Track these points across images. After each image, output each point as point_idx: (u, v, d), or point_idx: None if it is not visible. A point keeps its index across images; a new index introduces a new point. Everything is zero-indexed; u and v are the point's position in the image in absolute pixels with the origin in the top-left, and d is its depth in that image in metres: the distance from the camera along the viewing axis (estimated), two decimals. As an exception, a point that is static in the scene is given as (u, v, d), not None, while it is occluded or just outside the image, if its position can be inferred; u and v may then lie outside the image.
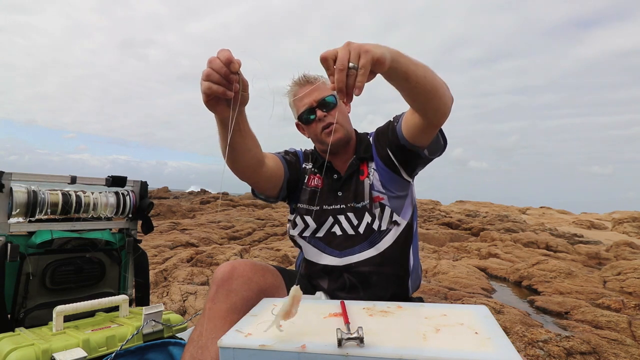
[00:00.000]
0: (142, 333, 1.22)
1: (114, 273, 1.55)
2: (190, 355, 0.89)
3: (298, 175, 1.35)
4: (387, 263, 1.21)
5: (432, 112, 1.02)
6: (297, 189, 1.35)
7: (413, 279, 1.28)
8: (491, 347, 0.65)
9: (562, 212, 16.14)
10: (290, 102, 1.33)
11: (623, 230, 10.04)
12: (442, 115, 1.04)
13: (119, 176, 1.58)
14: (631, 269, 4.60)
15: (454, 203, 21.59)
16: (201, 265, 4.47)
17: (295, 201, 1.34)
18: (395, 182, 1.25)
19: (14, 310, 1.30)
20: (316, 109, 1.25)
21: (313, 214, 1.28)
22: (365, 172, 1.28)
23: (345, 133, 1.27)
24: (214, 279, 0.99)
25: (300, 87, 1.28)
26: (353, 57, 0.77)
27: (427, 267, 4.86)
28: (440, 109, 1.02)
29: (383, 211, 1.22)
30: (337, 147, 1.27)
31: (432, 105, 1.00)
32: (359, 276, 1.21)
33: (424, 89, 0.94)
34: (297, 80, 1.29)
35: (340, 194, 1.28)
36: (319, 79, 1.28)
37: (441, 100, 1.00)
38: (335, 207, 1.27)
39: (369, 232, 1.23)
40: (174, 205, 12.33)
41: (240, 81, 0.87)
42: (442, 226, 9.98)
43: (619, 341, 2.46)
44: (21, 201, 1.32)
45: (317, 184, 1.33)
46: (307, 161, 1.39)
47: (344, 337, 0.65)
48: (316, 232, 1.28)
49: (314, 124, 1.27)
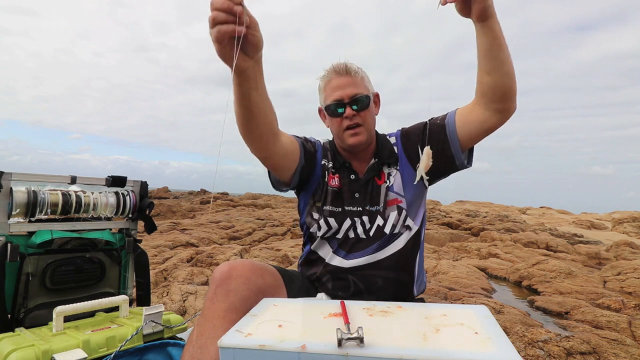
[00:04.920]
0: (142, 333, 1.22)
1: (114, 273, 1.55)
2: (190, 355, 0.88)
3: (313, 167, 1.28)
4: (394, 268, 1.19)
5: (500, 97, 1.03)
6: (310, 182, 1.28)
7: (418, 284, 1.26)
8: (491, 347, 0.65)
9: (562, 212, 16.14)
10: (320, 86, 1.25)
11: (623, 230, 10.04)
12: (509, 108, 1.06)
13: (119, 176, 1.58)
14: (631, 269, 4.60)
15: (454, 203, 21.59)
16: (201, 265, 4.47)
17: (321, 202, 1.26)
18: (415, 185, 1.20)
19: (14, 310, 1.30)
20: (347, 104, 1.18)
21: (336, 217, 1.23)
22: (383, 177, 1.24)
23: (367, 137, 1.21)
24: (212, 279, 0.99)
25: (338, 76, 1.20)
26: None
27: (427, 267, 4.86)
28: (511, 97, 1.03)
29: (400, 214, 1.19)
30: (357, 149, 1.23)
31: (506, 86, 1.01)
32: (364, 279, 1.19)
33: (505, 64, 0.98)
34: (337, 66, 1.20)
35: (357, 196, 1.23)
36: (358, 72, 1.20)
37: (512, 89, 1.02)
38: (353, 209, 1.23)
39: (380, 236, 1.20)
40: (174, 205, 12.33)
41: (246, 16, 0.80)
42: (442, 226, 9.98)
43: (619, 341, 2.46)
44: (21, 201, 1.32)
45: (336, 184, 1.26)
46: (326, 157, 1.31)
47: (344, 337, 0.64)
48: (336, 234, 1.24)
49: (339, 118, 1.20)
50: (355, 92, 1.17)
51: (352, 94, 1.17)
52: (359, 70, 1.21)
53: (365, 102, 1.19)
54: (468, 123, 1.11)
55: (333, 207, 1.25)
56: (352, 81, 1.18)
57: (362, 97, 1.18)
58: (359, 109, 1.18)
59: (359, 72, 1.20)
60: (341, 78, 1.19)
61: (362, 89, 1.19)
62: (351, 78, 1.19)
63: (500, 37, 0.96)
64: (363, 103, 1.18)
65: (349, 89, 1.17)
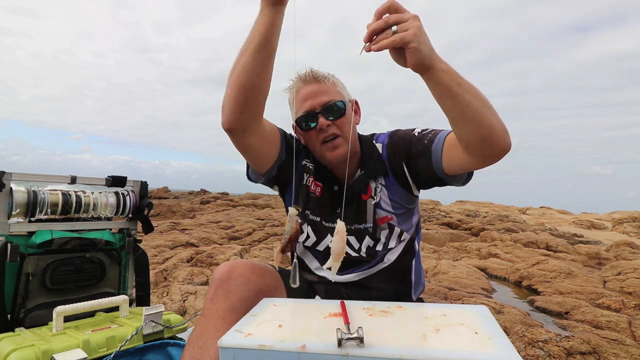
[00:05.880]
0: (142, 333, 1.22)
1: (114, 273, 1.55)
2: (190, 355, 0.88)
3: (294, 165, 1.17)
4: (388, 279, 1.15)
5: (474, 146, 0.88)
6: (291, 183, 1.18)
7: (416, 289, 1.22)
8: (491, 347, 0.65)
9: (562, 212, 16.15)
10: (289, 100, 1.15)
11: (623, 230, 10.04)
12: (490, 155, 0.89)
13: (119, 176, 1.58)
14: (631, 269, 4.60)
15: (454, 203, 21.59)
16: (201, 265, 4.47)
17: (300, 205, 1.20)
18: (404, 198, 1.13)
19: (14, 310, 1.30)
20: (319, 114, 1.06)
21: (314, 227, 1.17)
22: (370, 191, 1.12)
23: (348, 149, 1.07)
24: (212, 279, 0.98)
25: (305, 84, 1.09)
26: (402, 26, 0.77)
27: (427, 267, 4.86)
28: (490, 144, 0.87)
29: (392, 232, 1.12)
30: (338, 163, 1.11)
31: (475, 136, 0.86)
32: (358, 292, 1.14)
33: (466, 114, 0.83)
34: (303, 75, 1.10)
35: (338, 211, 1.12)
36: (328, 78, 1.09)
37: (489, 136, 0.85)
38: (333, 226, 1.11)
39: (373, 254, 1.13)
40: (174, 205, 12.33)
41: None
42: (442, 226, 9.98)
43: (619, 341, 2.46)
44: (21, 201, 1.32)
45: (317, 191, 1.17)
46: (308, 157, 1.21)
47: (344, 337, 0.64)
48: (316, 245, 1.19)
49: (313, 132, 1.08)
50: (326, 99, 1.06)
51: (323, 102, 1.06)
52: (328, 76, 1.10)
53: (341, 109, 1.07)
54: (450, 160, 0.99)
55: (313, 216, 1.17)
56: (321, 88, 1.07)
57: (334, 103, 1.06)
58: (334, 117, 1.06)
59: (329, 77, 1.10)
60: (309, 86, 1.08)
61: (334, 95, 1.08)
62: (320, 85, 1.08)
63: (450, 88, 0.82)
64: (338, 111, 1.06)
65: (320, 97, 1.06)
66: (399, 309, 0.87)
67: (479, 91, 0.85)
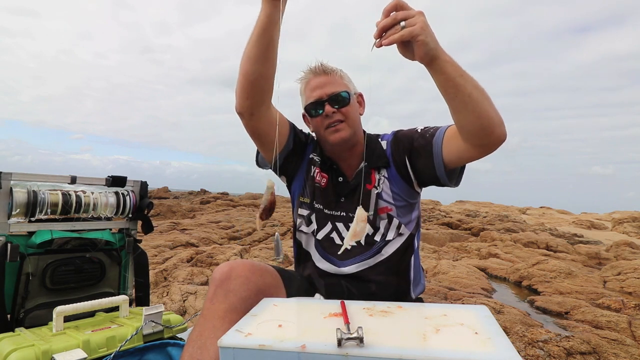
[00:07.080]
0: (142, 334, 1.22)
1: (114, 273, 1.55)
2: (190, 355, 0.88)
3: (302, 157, 1.27)
4: (387, 273, 1.18)
5: (474, 135, 0.96)
6: (298, 175, 1.28)
7: (415, 287, 1.23)
8: (491, 347, 0.65)
9: (562, 212, 16.15)
10: (300, 89, 1.25)
11: (623, 230, 10.04)
12: (488, 143, 0.97)
13: (119, 176, 1.58)
14: (631, 269, 4.60)
15: (454, 203, 21.59)
16: (201, 265, 4.47)
17: (306, 197, 1.26)
18: (405, 191, 1.18)
19: (14, 310, 1.30)
20: (326, 102, 1.16)
21: (317, 215, 1.23)
22: (374, 180, 1.20)
23: (351, 134, 1.17)
24: (212, 279, 0.99)
25: (315, 76, 1.19)
26: (410, 22, 0.83)
27: (427, 267, 4.86)
28: (488, 134, 0.94)
29: (390, 222, 1.17)
30: (340, 147, 1.20)
31: (476, 125, 0.93)
32: (357, 285, 1.18)
33: (468, 104, 0.90)
34: (313, 67, 1.20)
35: (342, 200, 1.21)
36: (336, 71, 1.20)
37: (485, 126, 0.93)
38: (335, 214, 1.21)
39: (371, 244, 1.18)
40: (174, 205, 12.33)
41: None
42: (442, 226, 9.98)
43: (619, 341, 2.46)
44: (21, 201, 1.32)
45: (323, 182, 1.24)
46: (315, 151, 1.29)
47: (344, 337, 0.64)
48: (315, 234, 1.24)
49: (319, 118, 1.18)
50: (333, 90, 1.16)
51: (330, 92, 1.16)
52: (336, 70, 1.20)
53: (345, 99, 1.17)
54: (450, 151, 1.06)
55: (317, 204, 1.24)
56: (329, 80, 1.18)
57: (339, 94, 1.16)
58: (339, 106, 1.16)
59: (337, 71, 1.20)
60: (318, 78, 1.19)
61: (340, 87, 1.18)
62: (329, 77, 1.18)
63: (453, 78, 0.89)
64: (342, 100, 1.16)
65: (327, 88, 1.17)
66: (399, 309, 0.87)
67: (479, 84, 0.92)
